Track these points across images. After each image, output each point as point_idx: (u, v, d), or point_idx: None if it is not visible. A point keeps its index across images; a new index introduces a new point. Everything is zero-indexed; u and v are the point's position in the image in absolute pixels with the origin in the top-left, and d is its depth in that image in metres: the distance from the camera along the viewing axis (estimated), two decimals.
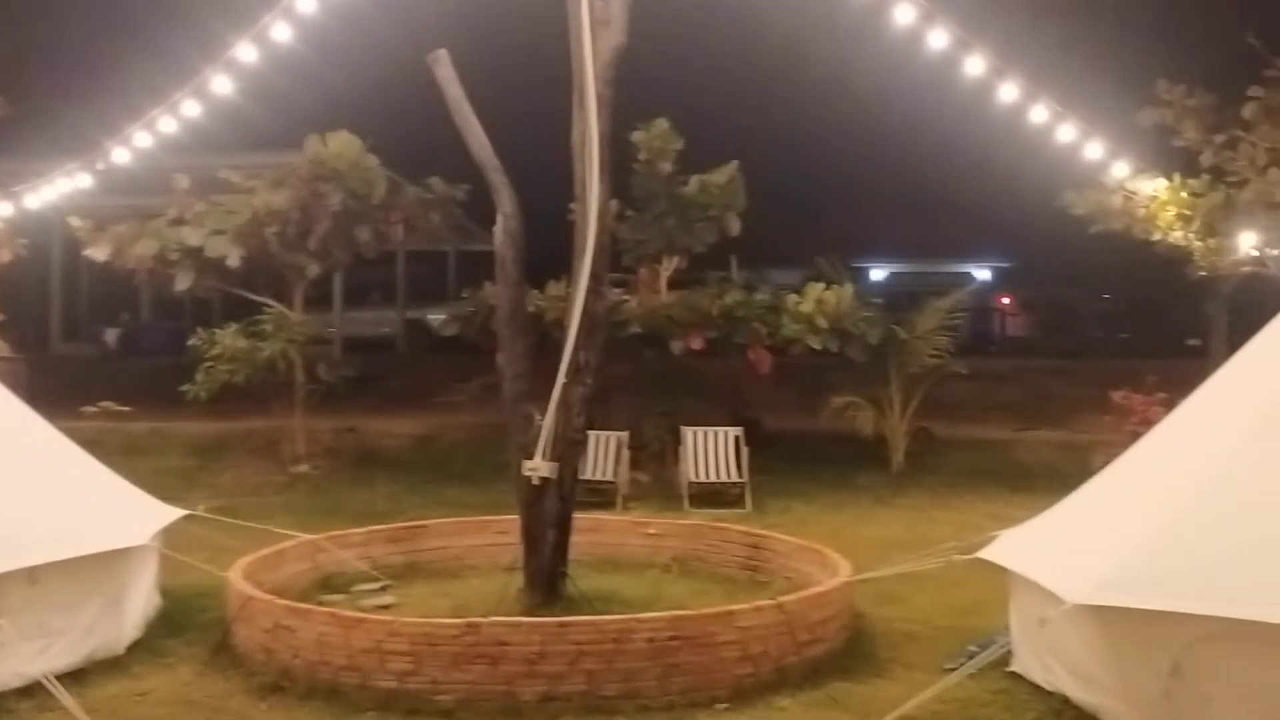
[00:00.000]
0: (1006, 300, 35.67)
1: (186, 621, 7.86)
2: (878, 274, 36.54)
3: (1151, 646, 5.66)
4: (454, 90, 8.07)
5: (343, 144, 14.59)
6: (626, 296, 15.10)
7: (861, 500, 13.53)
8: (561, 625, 6.34)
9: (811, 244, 19.07)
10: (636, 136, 14.70)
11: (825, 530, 11.06)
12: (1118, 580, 5.68)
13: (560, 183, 8.04)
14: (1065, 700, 6.21)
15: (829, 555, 8.18)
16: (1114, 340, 32.58)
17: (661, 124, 14.76)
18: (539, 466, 7.56)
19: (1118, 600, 5.63)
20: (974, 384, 17.96)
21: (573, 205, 7.98)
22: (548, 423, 7.61)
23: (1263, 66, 13.06)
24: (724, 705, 6.26)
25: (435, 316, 22.39)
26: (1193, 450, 6.37)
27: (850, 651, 7.19)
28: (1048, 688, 6.38)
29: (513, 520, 8.05)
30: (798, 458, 15.00)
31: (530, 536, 7.72)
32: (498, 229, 8.02)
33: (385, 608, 8.10)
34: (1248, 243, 13.92)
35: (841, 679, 6.74)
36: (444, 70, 8.10)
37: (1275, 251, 13.84)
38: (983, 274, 37.35)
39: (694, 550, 9.49)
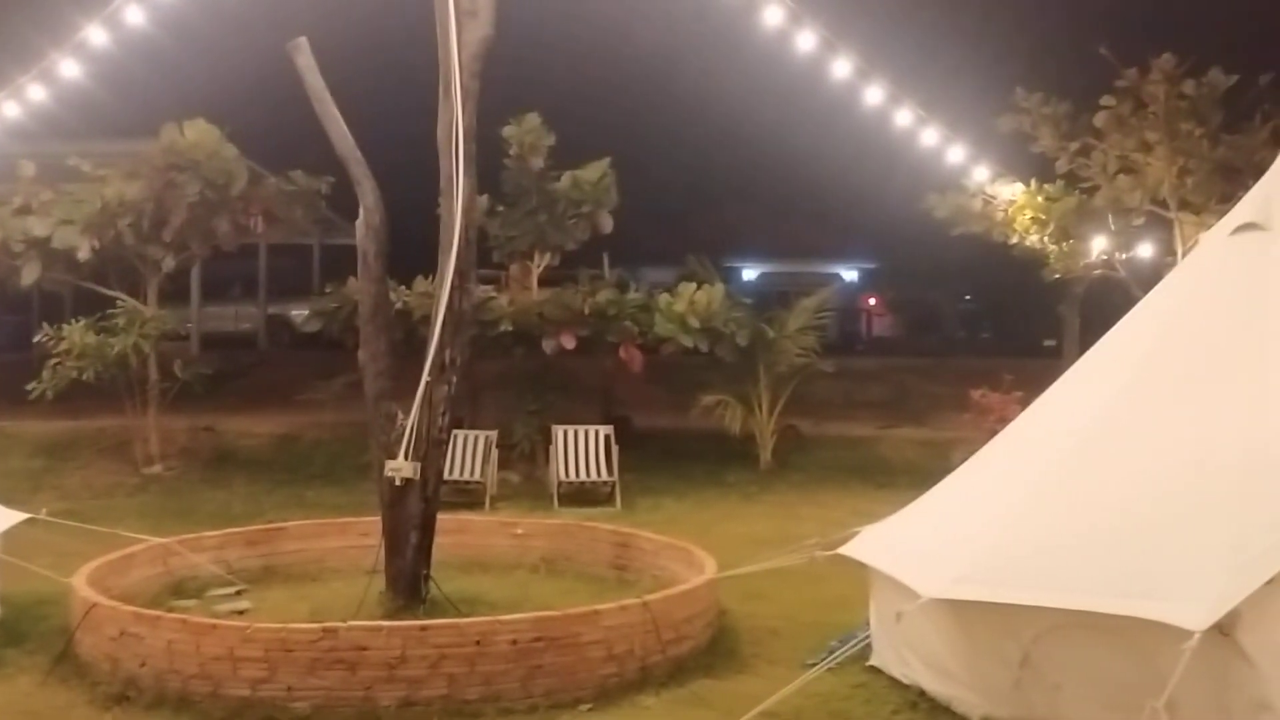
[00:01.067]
0: (873, 301, 36.49)
1: (27, 630, 7.51)
2: (749, 274, 36.99)
3: (1003, 638, 5.82)
4: (314, 79, 7.84)
5: (200, 133, 14.08)
6: (496, 294, 14.94)
7: (730, 498, 13.64)
8: (422, 629, 6.21)
9: (684, 243, 19.17)
10: (507, 131, 14.56)
11: (694, 528, 11.10)
12: (971, 574, 5.82)
13: (429, 177, 7.89)
14: (921, 693, 6.33)
15: (695, 553, 8.20)
16: (976, 340, 33.59)
17: (533, 119, 14.64)
18: (401, 467, 7.39)
19: (970, 594, 5.77)
20: (841, 382, 18.31)
21: (441, 199, 7.84)
22: (411, 422, 7.45)
23: (1113, 77, 13.61)
24: (588, 706, 6.22)
25: (298, 312, 21.86)
26: (1040, 448, 6.57)
27: (715, 649, 7.22)
28: (905, 681, 6.50)
29: (375, 522, 7.87)
30: (668, 456, 15.05)
31: (392, 538, 7.54)
32: (360, 223, 7.83)
33: (240, 613, 7.83)
34: (1099, 246, 14.53)
35: (706, 676, 6.76)
36: (304, 59, 7.87)
37: (1124, 255, 14.47)
38: (850, 275, 38.17)
39: (562, 550, 9.42)
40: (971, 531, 6.23)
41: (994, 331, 33.71)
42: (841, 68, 10.79)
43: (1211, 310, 6.39)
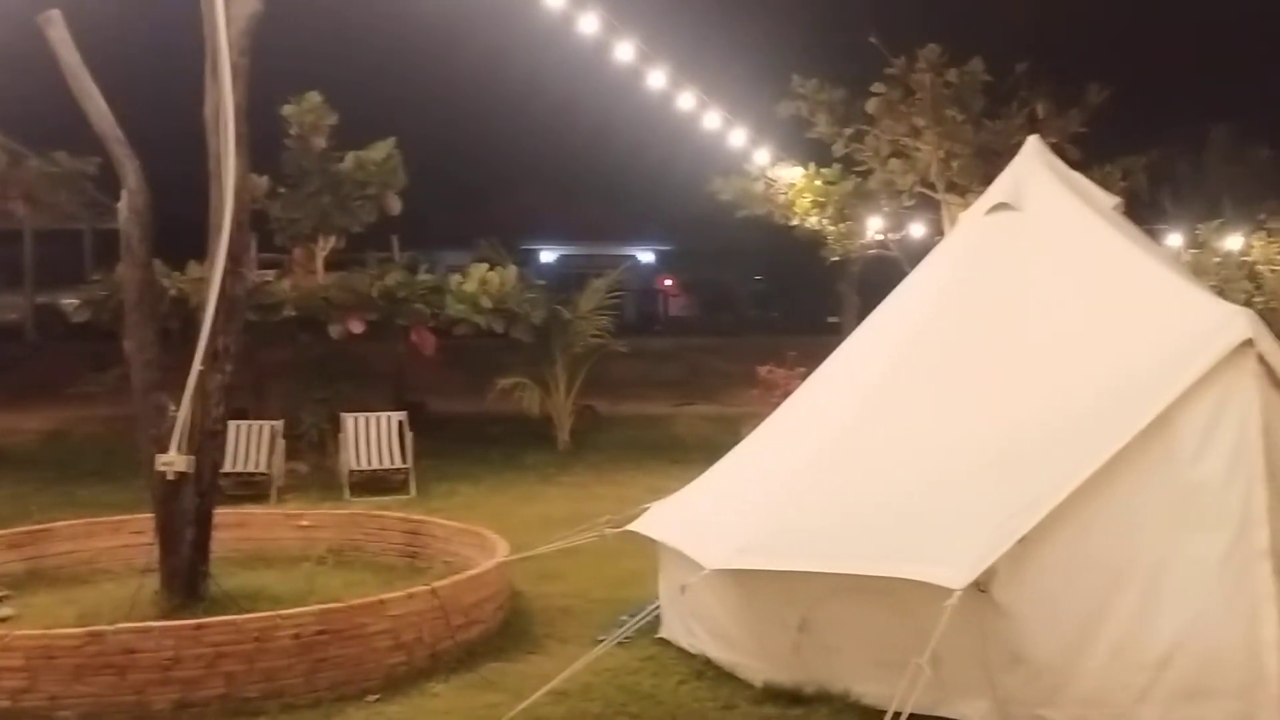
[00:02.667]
0: (669, 282, 37.16)
1: None
2: (547, 256, 37.04)
3: (782, 605, 6.03)
4: (69, 55, 7.38)
5: None
6: (276, 278, 14.44)
7: (527, 480, 13.64)
8: (197, 628, 5.97)
9: (481, 226, 19.05)
10: (287, 110, 14.10)
11: (490, 512, 11.08)
12: (751, 545, 6.00)
13: (202, 157, 7.55)
14: (707, 661, 6.51)
15: (488, 537, 8.18)
16: (766, 319, 34.64)
17: (313, 98, 14.21)
18: (173, 460, 7.07)
19: (751, 563, 5.96)
20: (638, 362, 18.58)
21: (211, 181, 7.51)
22: (183, 413, 7.14)
23: (884, 65, 14.18)
24: (375, 696, 6.12)
25: (69, 301, 20.62)
26: (815, 422, 6.84)
27: (507, 631, 7.23)
28: (692, 651, 6.66)
29: (150, 519, 7.50)
30: (464, 440, 14.94)
31: (166, 535, 7.21)
32: (122, 205, 7.43)
33: (1, 620, 7.35)
34: (874, 227, 15.18)
35: (497, 659, 6.75)
36: (57, 32, 7.40)
37: (897, 235, 15.17)
38: (647, 256, 38.74)
39: (351, 540, 9.21)
40: (752, 503, 6.43)
41: (783, 310, 34.84)
42: (625, 51, 10.88)
43: (968, 286, 6.77)
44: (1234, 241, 15.65)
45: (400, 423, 13.27)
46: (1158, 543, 5.38)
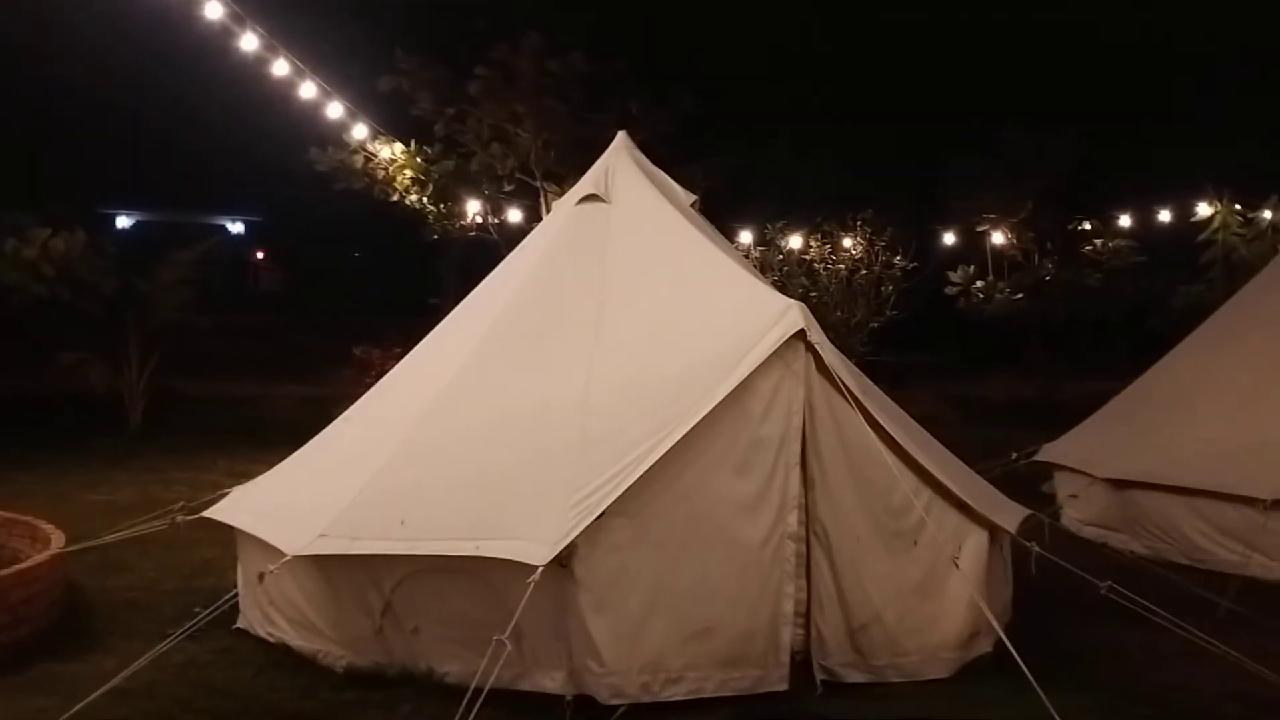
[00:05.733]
0: (261, 255, 35.56)
1: None
2: (124, 221, 34.31)
3: (366, 589, 5.95)
4: None
5: None
6: None
7: (93, 464, 12.59)
8: None
9: (49, 186, 17.40)
10: None
11: (46, 500, 10.12)
12: (334, 529, 5.89)
13: None
14: (287, 650, 6.30)
15: (40, 527, 7.46)
16: (365, 297, 33.94)
17: None
18: None
19: (332, 548, 5.84)
20: (224, 339, 17.72)
21: None
22: None
23: (488, 49, 14.30)
24: None
25: None
26: (402, 402, 6.82)
27: (62, 629, 6.66)
28: (271, 640, 6.43)
29: None
30: (18, 421, 13.66)
31: None
32: None
33: None
34: (474, 209, 15.30)
35: (50, 660, 6.20)
36: None
37: (497, 219, 15.38)
38: (237, 227, 36.84)
39: None
40: (336, 486, 6.30)
41: (383, 288, 34.33)
42: (214, 9, 10.27)
43: (557, 272, 7.01)
44: (795, 241, 17.19)
45: None
46: (714, 523, 5.79)
